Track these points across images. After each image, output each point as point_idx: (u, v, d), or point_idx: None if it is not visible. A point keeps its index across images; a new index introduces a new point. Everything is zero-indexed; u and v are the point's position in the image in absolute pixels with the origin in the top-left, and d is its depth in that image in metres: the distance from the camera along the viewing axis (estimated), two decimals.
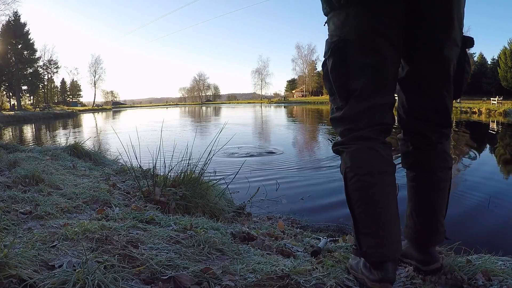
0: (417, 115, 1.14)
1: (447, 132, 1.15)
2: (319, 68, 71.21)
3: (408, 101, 1.15)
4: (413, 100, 1.14)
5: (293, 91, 79.01)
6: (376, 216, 1.00)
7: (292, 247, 1.62)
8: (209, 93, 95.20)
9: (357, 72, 1.04)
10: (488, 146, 7.66)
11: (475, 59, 39.82)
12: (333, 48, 1.06)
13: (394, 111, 1.12)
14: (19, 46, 37.17)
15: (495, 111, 20.26)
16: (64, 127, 17.57)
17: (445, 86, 1.10)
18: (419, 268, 1.18)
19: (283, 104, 51.47)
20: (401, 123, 1.21)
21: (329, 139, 8.59)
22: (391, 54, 1.04)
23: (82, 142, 4.19)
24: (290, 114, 25.18)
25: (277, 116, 24.58)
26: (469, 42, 1.11)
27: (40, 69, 43.64)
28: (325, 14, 1.13)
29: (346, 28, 1.03)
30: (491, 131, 11.72)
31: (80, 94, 62.48)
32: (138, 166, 2.55)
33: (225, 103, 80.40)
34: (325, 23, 1.14)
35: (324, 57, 1.13)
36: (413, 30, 1.05)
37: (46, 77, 47.08)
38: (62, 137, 11.38)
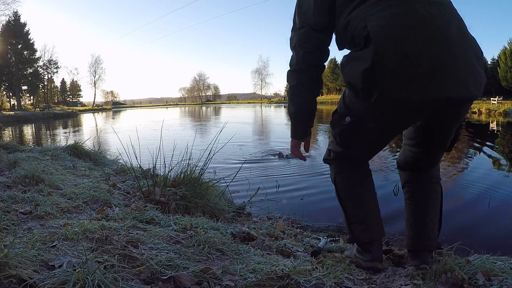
0: (417, 167, 1.38)
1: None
2: None
3: (412, 158, 1.37)
4: (417, 158, 1.36)
5: None
6: (362, 207, 1.32)
7: (292, 247, 1.62)
8: (209, 93, 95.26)
9: (364, 145, 1.28)
10: (488, 146, 7.65)
11: None
12: (352, 122, 1.21)
13: None
14: (19, 46, 37.17)
15: (495, 111, 20.26)
16: (64, 127, 17.57)
17: (445, 149, 1.31)
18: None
19: (283, 104, 51.48)
20: (400, 167, 1.45)
21: (328, 139, 8.59)
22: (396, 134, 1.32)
23: (82, 142, 4.18)
24: None
25: (278, 116, 24.60)
26: None
27: (40, 69, 43.69)
28: (348, 99, 1.24)
29: (368, 117, 1.17)
30: (491, 131, 11.72)
31: (80, 94, 62.50)
32: (138, 166, 2.55)
33: (225, 103, 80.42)
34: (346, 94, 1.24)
35: (341, 114, 1.25)
36: (432, 123, 1.22)
37: (46, 77, 47.12)
38: (62, 137, 11.38)
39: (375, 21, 1.05)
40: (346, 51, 1.21)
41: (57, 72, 49.35)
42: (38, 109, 35.54)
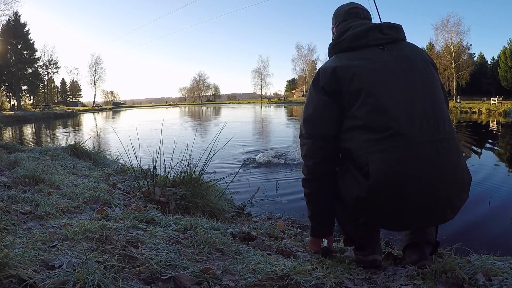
0: None
1: None
2: (318, 67, 71.36)
3: None
4: None
5: (293, 91, 79.02)
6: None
7: (292, 247, 1.62)
8: (209, 93, 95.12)
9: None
10: (488, 146, 7.65)
11: (475, 59, 39.79)
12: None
13: None
14: (19, 46, 37.11)
15: (495, 111, 20.25)
16: (64, 127, 17.57)
17: None
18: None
19: (283, 104, 51.46)
20: None
21: None
22: None
23: (82, 142, 4.18)
24: (290, 114, 25.18)
25: (277, 115, 24.59)
26: None
27: (40, 69, 43.58)
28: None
29: None
30: (491, 131, 11.71)
31: (80, 94, 62.42)
32: (138, 166, 2.55)
33: (225, 103, 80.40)
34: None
35: None
36: None
37: (46, 77, 47.01)
38: (62, 137, 11.38)
39: (376, 164, 1.14)
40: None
41: (57, 72, 49.22)
42: (38, 109, 35.52)
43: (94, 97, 59.71)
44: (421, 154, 1.12)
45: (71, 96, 60.27)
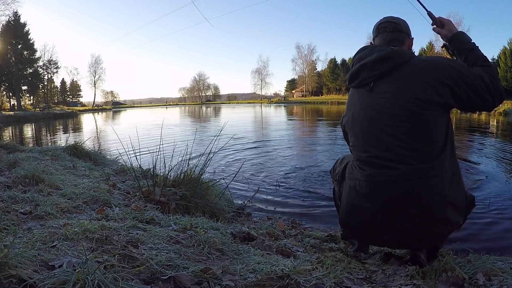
0: None
1: None
2: (319, 68, 71.19)
3: None
4: None
5: (293, 91, 79.14)
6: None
7: (292, 247, 1.62)
8: (209, 93, 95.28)
9: None
10: (488, 145, 7.65)
11: None
12: None
13: None
14: (19, 46, 37.14)
15: (495, 110, 20.23)
16: (64, 127, 17.57)
17: None
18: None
19: (283, 104, 51.44)
20: None
21: (328, 138, 8.58)
22: None
23: (82, 142, 4.18)
24: (290, 114, 25.18)
25: (277, 115, 24.58)
26: None
27: (40, 69, 43.60)
28: None
29: None
30: (490, 131, 11.72)
31: (80, 94, 62.53)
32: (138, 166, 2.55)
33: (225, 103, 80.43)
34: None
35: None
36: None
37: (46, 77, 47.03)
38: (62, 137, 11.38)
39: (346, 190, 1.41)
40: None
41: (57, 72, 49.27)
42: (38, 109, 35.53)
43: (94, 97, 59.83)
44: (382, 193, 1.25)
45: (71, 96, 60.33)
